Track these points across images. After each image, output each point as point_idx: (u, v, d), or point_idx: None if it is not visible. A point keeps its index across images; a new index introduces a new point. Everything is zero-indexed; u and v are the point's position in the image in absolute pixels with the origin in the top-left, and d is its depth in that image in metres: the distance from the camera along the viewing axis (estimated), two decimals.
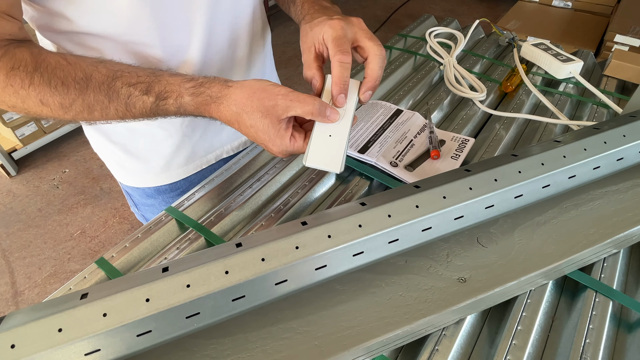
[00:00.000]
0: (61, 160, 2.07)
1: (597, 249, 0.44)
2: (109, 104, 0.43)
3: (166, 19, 0.49)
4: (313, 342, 0.37)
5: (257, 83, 0.43)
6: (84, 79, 0.42)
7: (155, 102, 0.43)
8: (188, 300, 0.31)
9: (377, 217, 0.37)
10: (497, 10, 3.15)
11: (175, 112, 0.45)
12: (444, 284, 0.41)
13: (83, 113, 0.43)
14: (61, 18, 0.46)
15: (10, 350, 0.28)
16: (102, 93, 0.42)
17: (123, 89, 0.43)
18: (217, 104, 0.43)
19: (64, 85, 0.41)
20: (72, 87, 0.42)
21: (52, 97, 0.41)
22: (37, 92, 0.41)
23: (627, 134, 0.47)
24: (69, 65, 0.42)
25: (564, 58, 0.76)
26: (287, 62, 2.71)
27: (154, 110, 0.44)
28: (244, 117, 0.42)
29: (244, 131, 0.44)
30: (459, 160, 0.57)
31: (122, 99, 0.43)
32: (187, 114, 0.45)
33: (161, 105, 0.44)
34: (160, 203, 0.67)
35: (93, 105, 0.43)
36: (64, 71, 0.42)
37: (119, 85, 0.43)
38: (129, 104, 0.43)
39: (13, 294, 1.53)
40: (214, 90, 0.43)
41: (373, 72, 0.45)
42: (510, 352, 0.38)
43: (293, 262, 0.34)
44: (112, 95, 0.43)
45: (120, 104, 0.43)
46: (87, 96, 0.42)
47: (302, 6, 0.54)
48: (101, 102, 0.43)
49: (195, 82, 0.43)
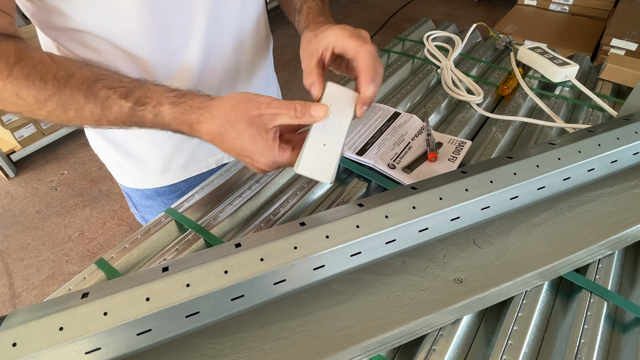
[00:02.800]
0: (60, 162, 2.07)
1: (592, 250, 0.45)
2: (84, 104, 0.41)
3: (165, 19, 0.49)
4: (311, 341, 0.37)
5: (240, 94, 0.41)
6: (65, 77, 0.41)
7: (133, 107, 0.41)
8: (188, 299, 0.32)
9: (375, 218, 0.38)
10: (495, 14, 3.17)
11: (151, 120, 0.42)
12: (441, 285, 0.42)
13: (57, 111, 0.42)
14: (58, 14, 0.46)
15: (12, 348, 0.29)
16: (80, 93, 0.41)
17: (102, 91, 0.41)
18: (198, 115, 0.41)
19: (42, 80, 0.40)
20: (50, 83, 0.40)
21: (28, 91, 0.40)
22: (14, 85, 0.40)
23: (621, 136, 0.47)
24: (53, 62, 0.41)
25: (560, 62, 0.76)
26: (285, 65, 2.72)
27: (130, 116, 0.42)
28: (227, 128, 0.40)
29: (228, 144, 0.41)
30: (456, 162, 0.57)
31: (99, 101, 0.41)
32: (164, 124, 0.43)
33: (138, 111, 0.42)
34: (160, 204, 0.67)
35: (68, 103, 0.41)
36: (46, 67, 0.41)
37: (99, 87, 0.41)
38: (105, 106, 0.41)
39: (11, 296, 1.53)
40: (195, 101, 0.42)
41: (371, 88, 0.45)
42: (506, 351, 0.38)
43: (291, 262, 0.35)
44: (89, 95, 0.41)
45: (96, 106, 0.41)
46: (64, 94, 0.41)
47: (307, 15, 0.53)
48: (77, 101, 0.41)
49: (178, 92, 0.42)
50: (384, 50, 0.88)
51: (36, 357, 0.29)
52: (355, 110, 0.45)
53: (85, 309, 0.30)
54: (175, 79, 0.54)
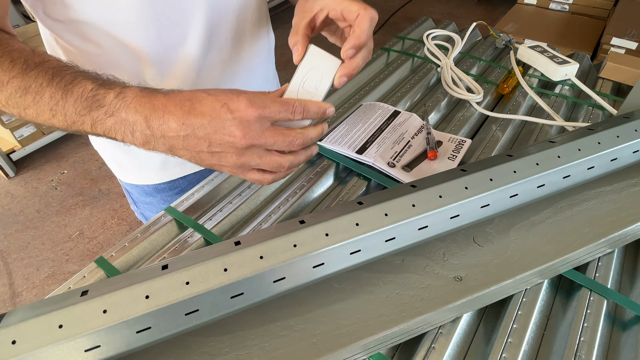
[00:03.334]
0: (59, 162, 2.07)
1: (592, 248, 0.45)
2: (47, 86, 0.37)
3: (163, 11, 0.49)
4: (311, 339, 0.37)
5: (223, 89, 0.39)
6: (38, 62, 0.38)
7: (96, 88, 0.37)
8: (187, 297, 0.32)
9: (374, 216, 0.38)
10: (495, 13, 3.17)
11: (111, 101, 0.37)
12: (441, 283, 0.42)
13: (16, 94, 0.38)
14: (59, 4, 0.45)
15: (11, 346, 0.29)
16: (47, 76, 0.37)
17: (70, 75, 0.38)
18: (167, 92, 0.37)
19: (11, 62, 0.38)
20: (18, 66, 0.38)
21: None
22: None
23: (620, 134, 0.47)
24: (32, 52, 0.39)
25: (560, 60, 0.76)
26: (285, 64, 2.71)
27: (90, 99, 0.37)
28: (199, 93, 0.36)
29: (198, 109, 0.35)
30: (456, 161, 0.57)
31: (63, 83, 0.37)
32: (127, 103, 0.37)
33: (100, 93, 0.37)
34: (159, 201, 0.67)
35: (29, 86, 0.37)
36: (21, 53, 0.38)
37: (69, 72, 0.38)
38: (67, 90, 0.37)
39: (11, 295, 1.53)
40: (167, 89, 0.39)
41: (360, 36, 0.41)
42: (505, 349, 0.38)
43: (291, 260, 0.35)
44: (55, 77, 0.37)
45: (58, 89, 0.37)
46: (29, 75, 0.37)
47: None
48: (39, 83, 0.37)
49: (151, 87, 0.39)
50: (383, 49, 0.88)
51: (35, 355, 0.29)
52: (334, 79, 0.42)
53: (84, 306, 0.30)
54: (174, 72, 0.54)
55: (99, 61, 0.51)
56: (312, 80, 0.42)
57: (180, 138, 0.36)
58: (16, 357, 0.28)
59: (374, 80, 0.78)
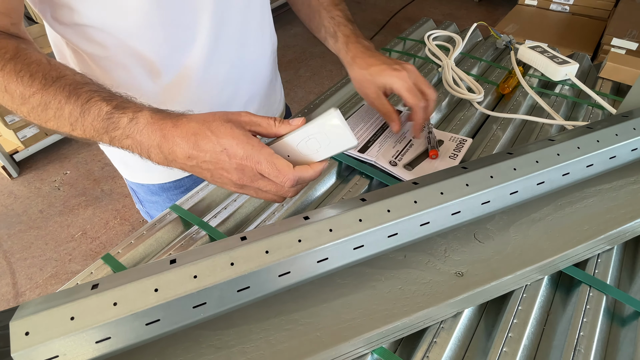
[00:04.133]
0: (62, 162, 2.08)
1: (591, 244, 0.46)
2: (65, 104, 0.40)
3: (170, 15, 0.49)
4: (315, 333, 0.38)
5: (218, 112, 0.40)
6: (55, 77, 0.41)
7: (112, 110, 0.40)
8: (195, 290, 0.32)
9: (377, 212, 0.39)
10: (496, 14, 3.18)
11: (125, 125, 0.40)
12: (442, 278, 0.42)
13: (38, 108, 0.41)
14: (66, 9, 0.46)
15: (24, 337, 0.29)
16: (64, 92, 0.40)
17: (86, 93, 0.41)
18: (176, 119, 0.40)
19: (31, 77, 0.40)
20: (37, 81, 0.40)
21: (15, 86, 0.41)
22: (4, 79, 0.40)
23: (619, 133, 0.48)
24: (48, 64, 0.42)
25: (560, 60, 0.77)
26: (287, 65, 2.73)
27: (105, 120, 0.40)
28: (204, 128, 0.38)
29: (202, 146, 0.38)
30: (457, 159, 0.58)
31: (80, 102, 0.40)
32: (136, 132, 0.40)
33: (115, 115, 0.40)
34: (165, 200, 0.68)
35: (50, 102, 0.41)
36: (39, 67, 0.41)
37: (85, 90, 0.41)
38: (85, 108, 0.40)
39: (14, 295, 1.54)
40: (175, 113, 0.41)
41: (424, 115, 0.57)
42: (506, 344, 0.39)
43: (296, 255, 0.35)
44: (72, 96, 0.40)
45: (76, 108, 0.40)
46: (48, 92, 0.40)
47: (347, 46, 0.60)
48: (58, 100, 0.40)
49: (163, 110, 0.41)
50: (385, 50, 0.89)
51: (48, 346, 0.30)
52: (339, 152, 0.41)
53: (95, 299, 0.31)
54: (181, 75, 0.55)
55: (106, 64, 0.52)
56: (319, 142, 0.40)
57: (187, 166, 0.40)
58: (29, 348, 0.29)
59: None
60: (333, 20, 0.62)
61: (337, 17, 0.62)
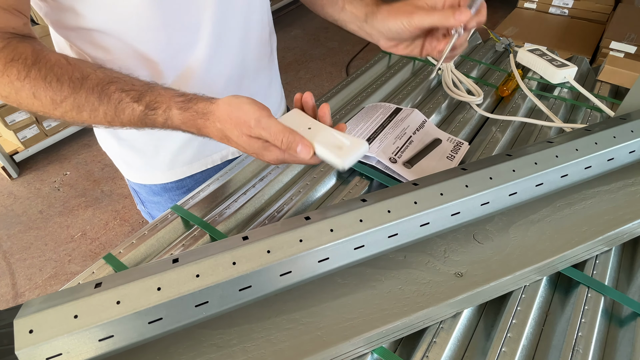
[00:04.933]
0: (62, 163, 2.08)
1: (589, 246, 0.46)
2: (98, 106, 0.43)
3: (173, 17, 0.50)
4: (316, 332, 0.38)
5: (234, 100, 0.42)
6: (80, 78, 0.42)
7: (144, 111, 0.43)
8: (197, 289, 0.33)
9: (377, 213, 0.39)
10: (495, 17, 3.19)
11: (162, 123, 0.44)
12: (442, 278, 0.43)
13: (72, 112, 0.43)
14: (72, 13, 0.47)
15: (28, 335, 0.30)
16: (95, 95, 0.43)
17: (115, 94, 0.43)
18: (203, 120, 0.43)
19: (58, 81, 0.42)
20: (66, 84, 0.42)
21: (44, 92, 0.42)
22: (32, 85, 0.41)
23: (617, 135, 0.49)
24: (68, 64, 0.43)
25: (558, 63, 0.78)
26: (287, 67, 2.73)
27: (142, 119, 0.44)
28: (227, 134, 0.43)
29: (234, 146, 0.44)
30: (454, 161, 0.59)
31: (112, 104, 0.43)
32: (174, 127, 0.45)
33: (149, 115, 0.44)
34: (167, 200, 0.68)
35: (83, 105, 0.43)
36: (62, 69, 0.42)
37: (112, 90, 0.43)
38: (118, 109, 0.43)
39: (14, 296, 1.54)
40: (199, 106, 0.43)
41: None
42: (505, 344, 0.39)
43: (297, 254, 0.36)
44: (103, 97, 0.43)
45: (110, 108, 0.43)
46: (79, 95, 0.42)
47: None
48: (91, 103, 0.43)
49: (185, 97, 0.44)
50: (385, 52, 0.89)
51: (52, 344, 0.30)
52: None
53: (98, 298, 0.31)
54: (183, 76, 0.55)
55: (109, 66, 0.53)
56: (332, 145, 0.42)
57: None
58: (33, 346, 0.29)
59: (376, 82, 0.80)
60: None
61: None
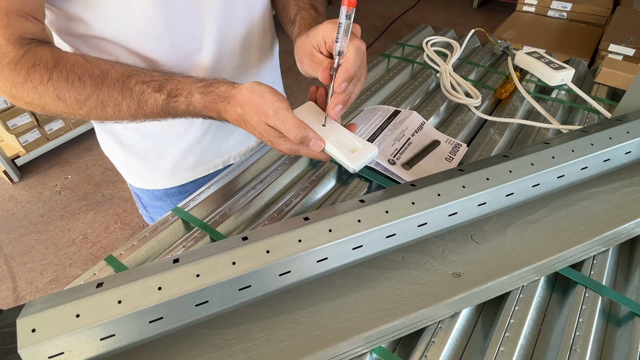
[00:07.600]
0: (63, 167, 2.09)
1: (587, 246, 0.46)
2: (122, 100, 0.45)
3: (177, 25, 0.51)
4: (314, 332, 0.39)
5: (255, 88, 0.44)
6: (100, 75, 0.44)
7: (167, 99, 0.45)
8: (197, 289, 0.33)
9: (376, 213, 0.39)
10: (494, 20, 3.20)
11: (185, 110, 0.46)
12: (440, 278, 0.43)
13: (97, 109, 0.45)
14: (78, 22, 0.48)
15: (31, 334, 0.30)
16: (117, 90, 0.44)
17: (137, 86, 0.44)
18: (224, 104, 0.45)
19: (80, 80, 0.43)
20: (88, 82, 0.43)
21: (68, 92, 0.43)
22: (55, 88, 0.43)
23: (613, 136, 0.49)
24: (87, 63, 0.44)
25: (556, 66, 0.78)
26: (287, 71, 2.74)
27: (165, 108, 0.46)
28: (247, 118, 0.45)
29: (251, 131, 0.46)
30: (453, 162, 0.59)
31: (135, 96, 0.45)
32: (196, 112, 0.46)
33: (172, 103, 0.45)
34: (169, 205, 0.69)
35: (106, 101, 0.44)
36: (82, 68, 0.44)
37: (133, 83, 0.44)
38: (141, 101, 0.45)
39: (15, 299, 1.54)
40: (221, 90, 0.45)
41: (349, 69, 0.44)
42: (503, 343, 0.40)
43: (296, 254, 0.36)
44: (125, 92, 0.44)
45: (132, 101, 0.45)
46: (102, 92, 0.44)
47: (300, 25, 0.56)
48: (114, 98, 0.44)
49: (205, 82, 0.46)
50: (384, 55, 0.90)
51: (54, 343, 0.30)
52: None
53: (100, 297, 0.32)
54: None
55: None
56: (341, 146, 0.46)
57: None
58: (36, 345, 0.30)
59: (375, 85, 0.80)
60: (297, 7, 0.58)
61: (302, 2, 0.58)
